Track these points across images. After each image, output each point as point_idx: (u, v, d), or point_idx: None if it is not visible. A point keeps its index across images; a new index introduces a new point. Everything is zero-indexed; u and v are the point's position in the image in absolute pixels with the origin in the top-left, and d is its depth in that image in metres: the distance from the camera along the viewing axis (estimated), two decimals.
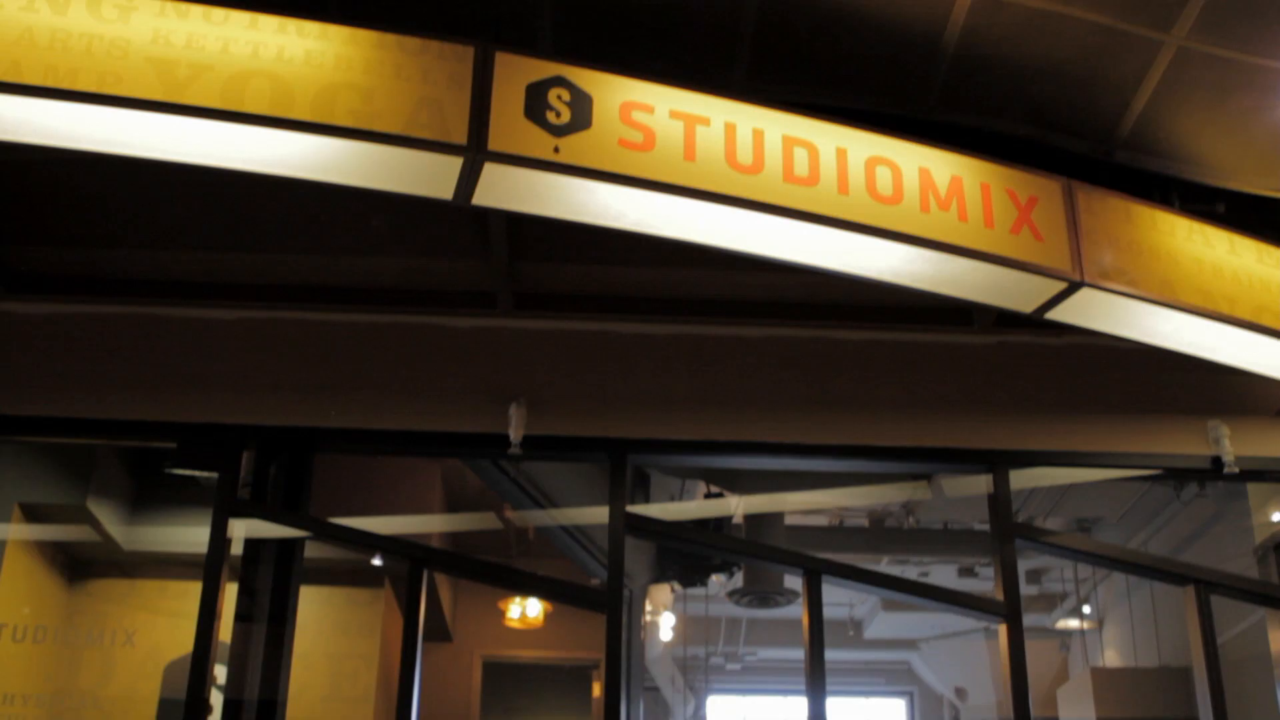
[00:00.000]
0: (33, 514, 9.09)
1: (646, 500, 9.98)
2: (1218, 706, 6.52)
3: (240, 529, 6.35)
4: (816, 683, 6.32)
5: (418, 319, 6.66)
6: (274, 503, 6.54)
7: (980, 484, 7.03)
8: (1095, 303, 5.73)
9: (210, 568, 6.13)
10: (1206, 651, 6.61)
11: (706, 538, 7.44)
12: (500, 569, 6.68)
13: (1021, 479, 6.79)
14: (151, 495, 9.72)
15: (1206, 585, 6.73)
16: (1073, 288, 5.60)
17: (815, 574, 6.47)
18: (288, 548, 6.55)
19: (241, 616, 6.36)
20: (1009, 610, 6.45)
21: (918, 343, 6.85)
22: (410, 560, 6.33)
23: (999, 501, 6.60)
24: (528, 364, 6.63)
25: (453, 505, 10.62)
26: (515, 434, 6.32)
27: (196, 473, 8.62)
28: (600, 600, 6.33)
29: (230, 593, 6.34)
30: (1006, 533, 6.56)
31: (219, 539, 6.18)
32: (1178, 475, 6.98)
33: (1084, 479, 7.08)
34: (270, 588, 6.45)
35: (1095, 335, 6.12)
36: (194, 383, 6.50)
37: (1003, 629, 6.49)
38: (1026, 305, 5.77)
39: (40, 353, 6.56)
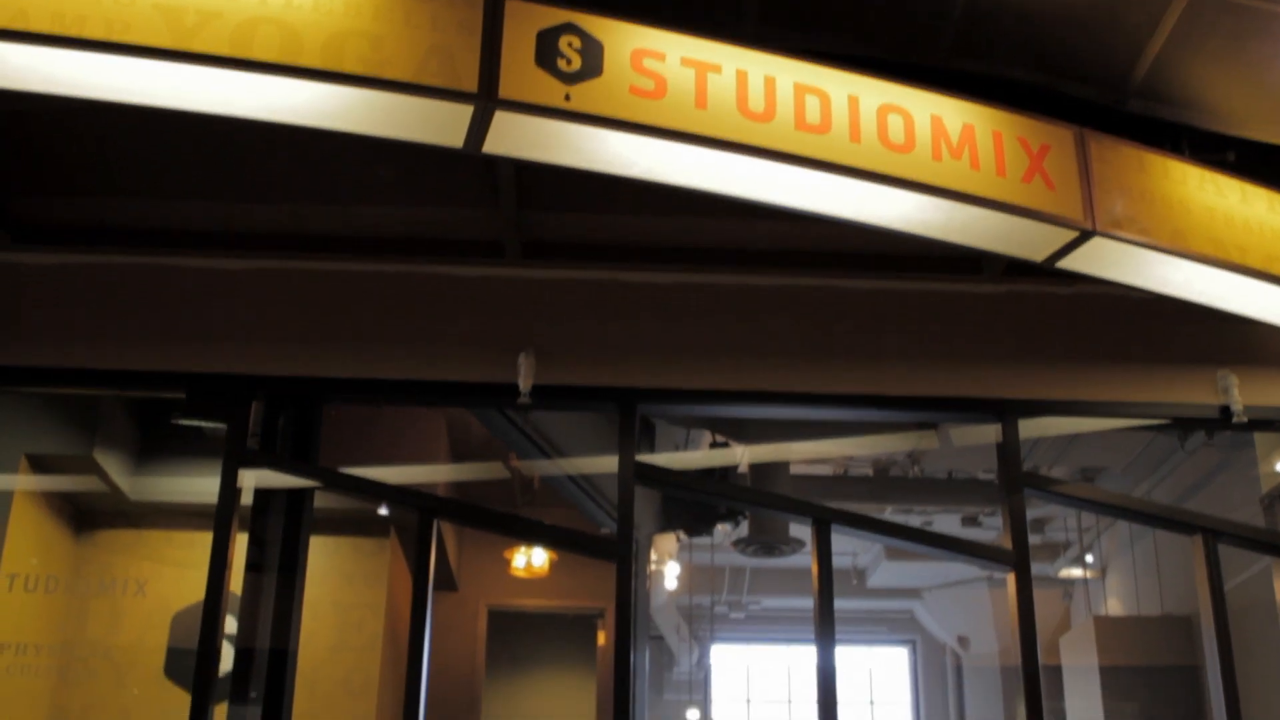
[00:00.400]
0: (39, 465, 9.11)
1: (651, 450, 9.98)
2: (1225, 655, 6.52)
3: (250, 479, 6.34)
4: (826, 632, 6.34)
5: (426, 268, 6.64)
6: (283, 453, 6.53)
7: (987, 433, 7.02)
8: (1106, 251, 5.71)
9: (221, 518, 6.14)
10: (1214, 600, 6.63)
11: (717, 487, 7.42)
12: (510, 518, 6.68)
13: (1030, 428, 6.78)
14: (158, 446, 9.73)
15: (1214, 534, 6.73)
16: (1084, 236, 5.59)
17: (825, 524, 6.47)
18: (297, 498, 6.55)
19: (252, 566, 6.36)
20: (1018, 559, 6.46)
21: (927, 292, 6.83)
22: (420, 510, 6.33)
23: (1008, 451, 6.60)
24: (536, 313, 6.61)
25: (457, 455, 10.64)
26: (524, 384, 6.31)
27: (203, 423, 8.63)
28: (610, 549, 6.34)
29: (240, 543, 6.36)
30: (1015, 482, 6.57)
31: (229, 489, 6.19)
32: (1186, 425, 6.98)
33: (1093, 428, 7.07)
34: (280, 538, 6.44)
35: (1105, 284, 6.10)
36: (202, 333, 6.48)
37: (1011, 577, 6.50)
38: (1038, 254, 5.75)
39: (49, 303, 6.54)
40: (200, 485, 9.80)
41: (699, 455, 9.70)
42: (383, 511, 10.40)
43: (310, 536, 6.63)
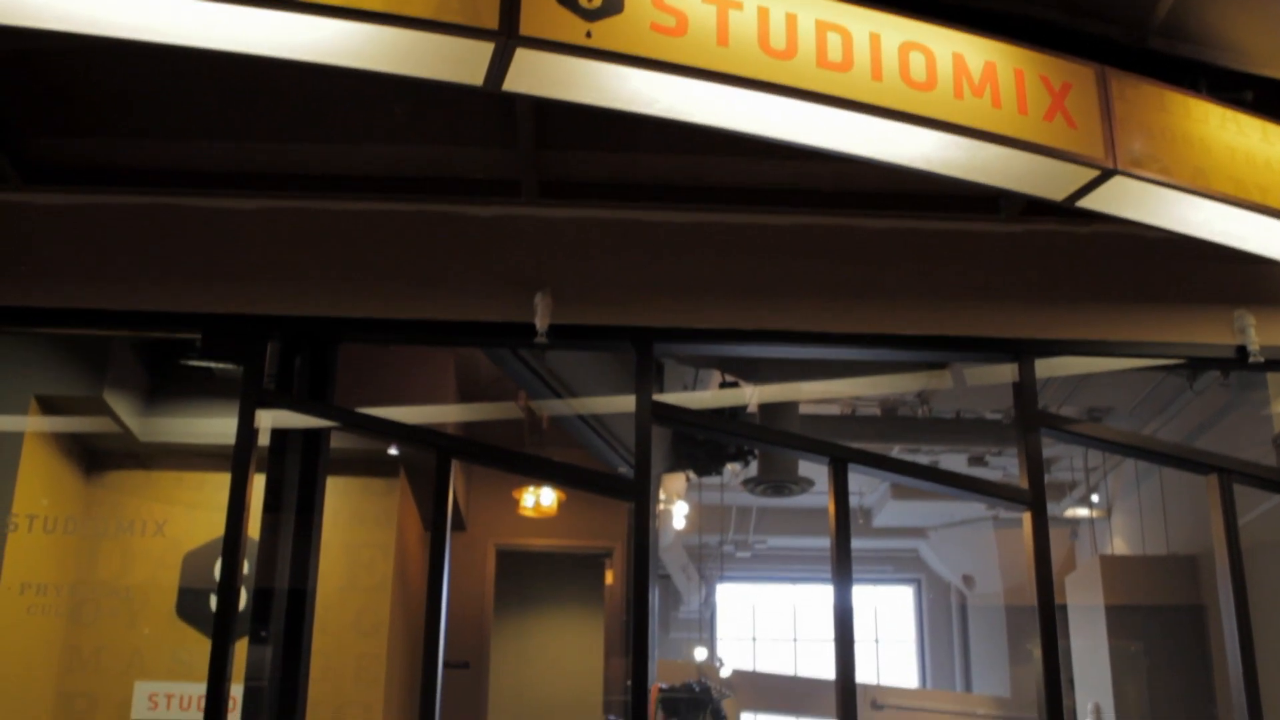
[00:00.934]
0: (49, 406, 9.11)
1: (660, 390, 9.98)
2: (1239, 594, 6.55)
3: (267, 420, 6.34)
4: (843, 572, 6.36)
5: (441, 207, 6.62)
6: (300, 394, 6.52)
7: (999, 373, 7.03)
8: (1127, 191, 5.68)
9: (239, 459, 6.14)
10: (1229, 540, 6.64)
11: (735, 426, 7.42)
12: (528, 458, 6.68)
13: (1046, 368, 6.77)
14: (167, 387, 9.74)
15: (1229, 473, 6.74)
16: (1105, 175, 5.56)
17: (841, 463, 6.47)
18: (314, 438, 6.55)
19: (270, 508, 6.36)
20: (1033, 498, 6.46)
21: (944, 231, 6.81)
22: (438, 450, 6.34)
23: (1024, 390, 6.60)
24: (552, 253, 6.59)
25: (465, 395, 10.64)
26: (541, 323, 6.30)
27: (213, 364, 8.63)
28: (628, 488, 6.35)
29: (257, 484, 6.36)
30: (1031, 422, 6.57)
31: (247, 430, 6.19)
32: (1203, 365, 6.97)
33: (1109, 368, 7.07)
34: (298, 478, 6.44)
35: (1122, 224, 6.08)
36: (217, 273, 6.47)
37: (1027, 517, 6.51)
38: (1058, 193, 5.73)
39: (61, 244, 6.52)
40: (210, 426, 9.85)
41: (708, 395, 9.71)
42: (393, 451, 10.42)
43: (327, 477, 6.64)
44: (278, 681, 6.14)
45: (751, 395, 9.14)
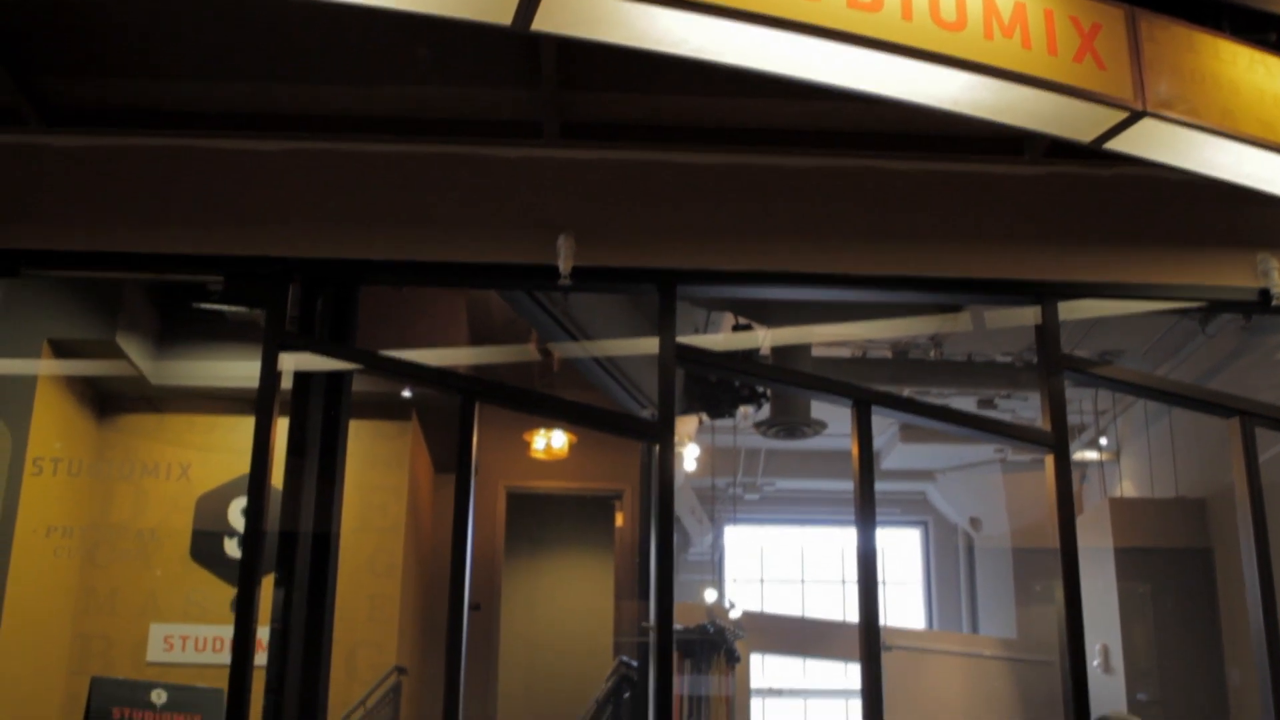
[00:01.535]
0: (62, 350, 9.11)
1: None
2: (1260, 537, 6.56)
3: (289, 363, 6.32)
4: (867, 514, 6.37)
5: (464, 149, 6.58)
6: (322, 336, 6.51)
7: (1015, 316, 7.03)
8: (1155, 132, 5.64)
9: (262, 402, 6.13)
10: (1250, 483, 6.64)
11: (758, 368, 7.40)
12: (551, 401, 6.68)
13: (1069, 310, 6.75)
14: (178, 330, 9.75)
15: (1251, 417, 6.74)
16: (1134, 117, 5.52)
17: (865, 405, 6.47)
18: (336, 381, 6.54)
19: (293, 451, 6.35)
20: (1056, 441, 6.47)
21: (968, 173, 6.77)
22: (462, 393, 6.33)
23: (1047, 333, 6.59)
24: (575, 195, 6.56)
25: (476, 338, 10.64)
26: (564, 265, 6.28)
27: (224, 307, 8.61)
28: (651, 430, 6.35)
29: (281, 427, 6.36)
30: (1055, 364, 6.56)
31: (270, 372, 6.17)
32: (1225, 308, 6.94)
33: (1131, 311, 7.04)
34: (321, 422, 6.43)
35: (1147, 166, 6.05)
36: (239, 216, 6.44)
37: (1049, 459, 6.52)
38: (1086, 135, 5.69)
39: (81, 187, 6.49)
40: (222, 370, 9.85)
41: (720, 338, 9.69)
42: (406, 394, 10.43)
43: (349, 420, 6.63)
44: (302, 623, 6.15)
45: (764, 338, 9.13)
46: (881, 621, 6.31)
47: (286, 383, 6.44)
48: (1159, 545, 12.53)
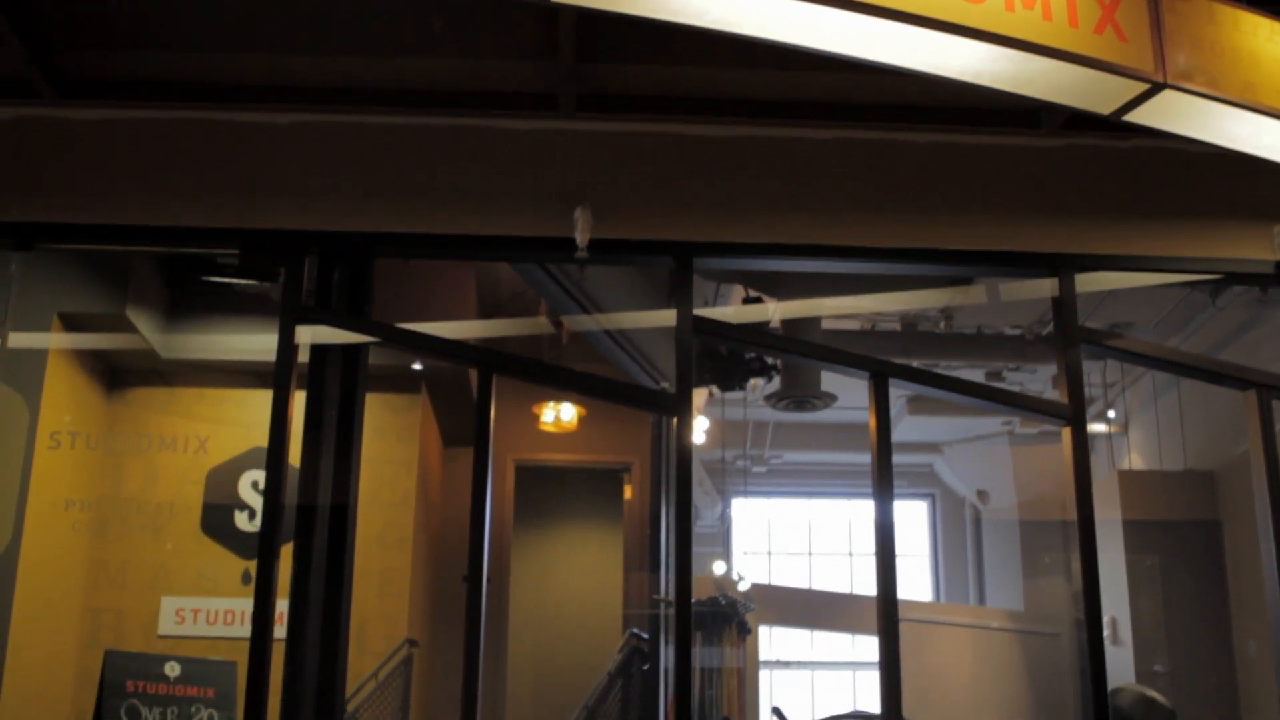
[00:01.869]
0: (72, 324, 9.09)
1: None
2: (1276, 509, 6.56)
3: (306, 335, 6.32)
4: (885, 487, 6.38)
5: (480, 121, 6.56)
6: (338, 309, 6.50)
7: (1029, 288, 7.01)
8: (1175, 104, 5.62)
9: (280, 375, 6.12)
10: (1267, 455, 6.64)
11: (774, 340, 7.39)
12: (571, 374, 6.66)
13: (1086, 283, 6.74)
14: (187, 304, 9.73)
15: (1268, 389, 6.74)
16: (1155, 89, 5.49)
17: (882, 377, 6.47)
18: (352, 354, 6.52)
19: (311, 424, 6.34)
20: (1074, 413, 6.47)
21: (984, 145, 6.76)
22: (481, 366, 6.33)
23: (1064, 306, 6.59)
24: (591, 167, 6.54)
25: (485, 311, 10.63)
26: (581, 238, 6.27)
27: (233, 280, 8.60)
28: (670, 403, 6.35)
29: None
30: (1072, 337, 6.56)
31: (287, 346, 6.16)
32: (1242, 280, 6.93)
33: (1148, 283, 7.02)
34: (338, 395, 6.43)
35: (1164, 138, 6.02)
36: (254, 188, 6.43)
37: (1066, 431, 6.52)
38: (1106, 107, 5.66)
39: (95, 160, 6.47)
40: (231, 343, 9.84)
41: (731, 310, 9.68)
42: (417, 366, 10.42)
43: (366, 393, 6.62)
44: (321, 596, 6.16)
45: (774, 311, 9.11)
46: None
47: (303, 356, 6.44)
48: (1167, 518, 12.54)
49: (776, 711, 7.81)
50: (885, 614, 6.20)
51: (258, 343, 9.65)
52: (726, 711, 9.68)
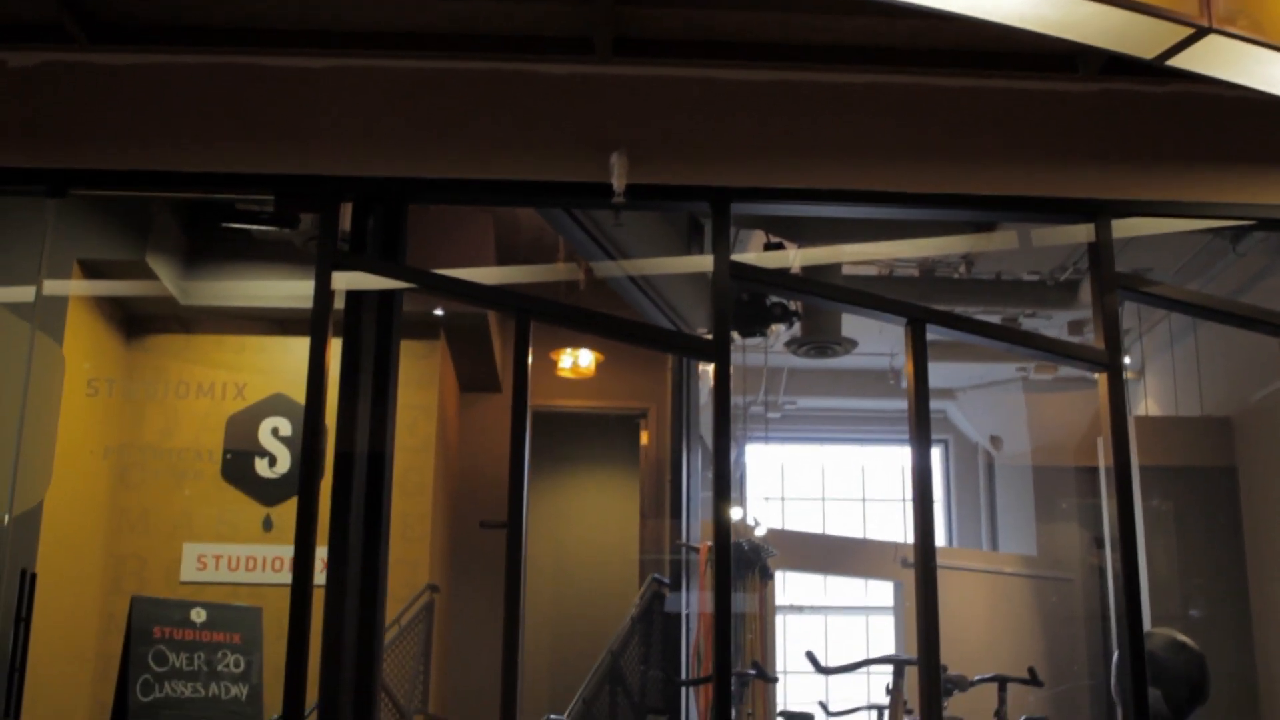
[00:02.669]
0: (92, 270, 9.07)
1: (701, 251, 9.92)
2: None
3: (341, 281, 6.30)
4: (922, 433, 6.36)
5: (515, 65, 6.52)
6: (373, 255, 6.47)
7: (1061, 234, 6.99)
8: (1218, 49, 5.57)
9: (317, 322, 6.09)
10: None
11: (811, 286, 7.36)
12: (607, 319, 6.63)
13: (1122, 229, 6.72)
14: (205, 250, 9.70)
15: None
16: (1199, 33, 5.44)
17: (919, 323, 6.46)
18: (387, 300, 6.51)
19: (347, 371, 6.32)
20: (1111, 360, 6.46)
21: (1020, 90, 6.72)
22: (517, 311, 6.31)
23: (1101, 252, 6.57)
24: (627, 112, 6.51)
25: (504, 257, 10.60)
26: (618, 183, 6.23)
27: (251, 226, 8.56)
28: (708, 350, 6.34)
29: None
30: (1108, 283, 6.54)
31: (324, 292, 6.14)
32: (1277, 226, 6.91)
33: (1185, 228, 6.98)
34: (374, 341, 6.41)
35: (1202, 83, 6.00)
36: (288, 134, 6.39)
37: (1102, 378, 6.51)
38: (1149, 51, 5.62)
39: (131, 105, 6.43)
40: (250, 289, 9.82)
41: (751, 257, 9.65)
42: (438, 312, 10.41)
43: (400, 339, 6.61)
44: (360, 544, 6.17)
45: (795, 257, 9.09)
46: (902, 538, 6.32)
47: (337, 303, 6.42)
48: (1183, 464, 12.53)
49: (810, 656, 7.84)
50: (923, 561, 6.21)
51: (278, 289, 9.66)
52: (749, 656, 9.73)
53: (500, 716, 5.89)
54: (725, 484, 6.19)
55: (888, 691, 7.67)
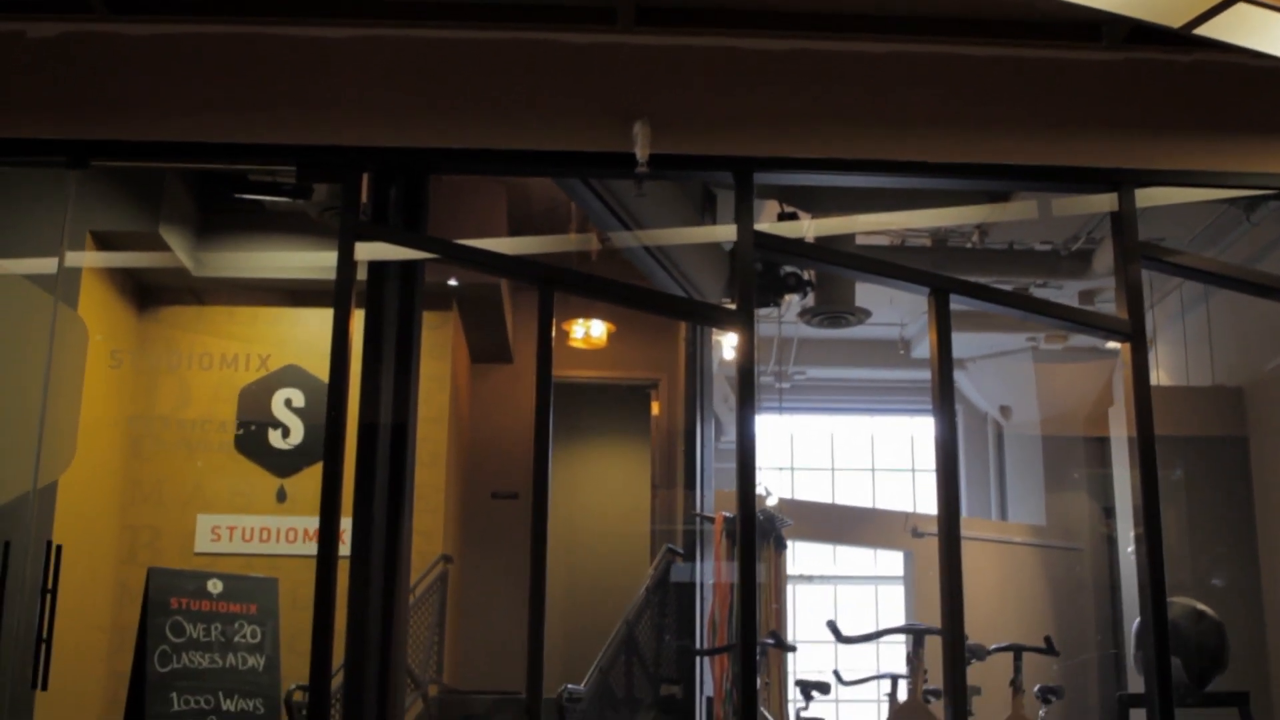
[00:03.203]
0: (104, 242, 9.05)
1: (714, 220, 9.91)
2: None
3: (363, 252, 6.28)
4: (946, 403, 6.35)
5: (537, 35, 6.49)
6: (395, 226, 6.46)
7: (1082, 204, 6.98)
8: (1246, 17, 5.58)
9: (340, 293, 6.08)
10: None
11: (833, 255, 7.34)
12: (632, 289, 6.63)
13: (1146, 198, 6.70)
14: (217, 221, 9.69)
15: None
16: (1227, 2, 5.44)
17: (943, 292, 6.45)
18: (409, 271, 6.49)
19: (370, 342, 6.31)
20: (1134, 329, 6.46)
21: (1044, 59, 6.69)
22: (540, 282, 6.30)
23: (1124, 221, 6.55)
24: (650, 81, 6.49)
25: (515, 227, 10.58)
26: (642, 153, 6.21)
27: (262, 197, 8.55)
28: (733, 319, 6.33)
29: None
30: (1131, 252, 6.52)
31: (347, 263, 6.12)
32: None
33: (1208, 198, 6.98)
34: (396, 312, 6.40)
35: (1226, 52, 5.99)
36: (310, 104, 6.37)
37: (1125, 347, 6.51)
38: (1178, 20, 5.63)
39: (152, 75, 6.41)
40: (262, 260, 9.80)
41: (765, 226, 9.62)
42: (452, 283, 10.39)
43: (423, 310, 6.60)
44: (384, 513, 6.17)
45: (808, 227, 9.07)
46: (912, 508, 6.32)
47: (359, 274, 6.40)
48: (1194, 433, 12.51)
49: (831, 625, 7.86)
50: (948, 531, 6.20)
51: (292, 260, 9.64)
52: (766, 625, 9.74)
53: (526, 687, 5.90)
54: (750, 453, 6.17)
55: (908, 660, 7.68)
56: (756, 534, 10.53)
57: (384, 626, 6.07)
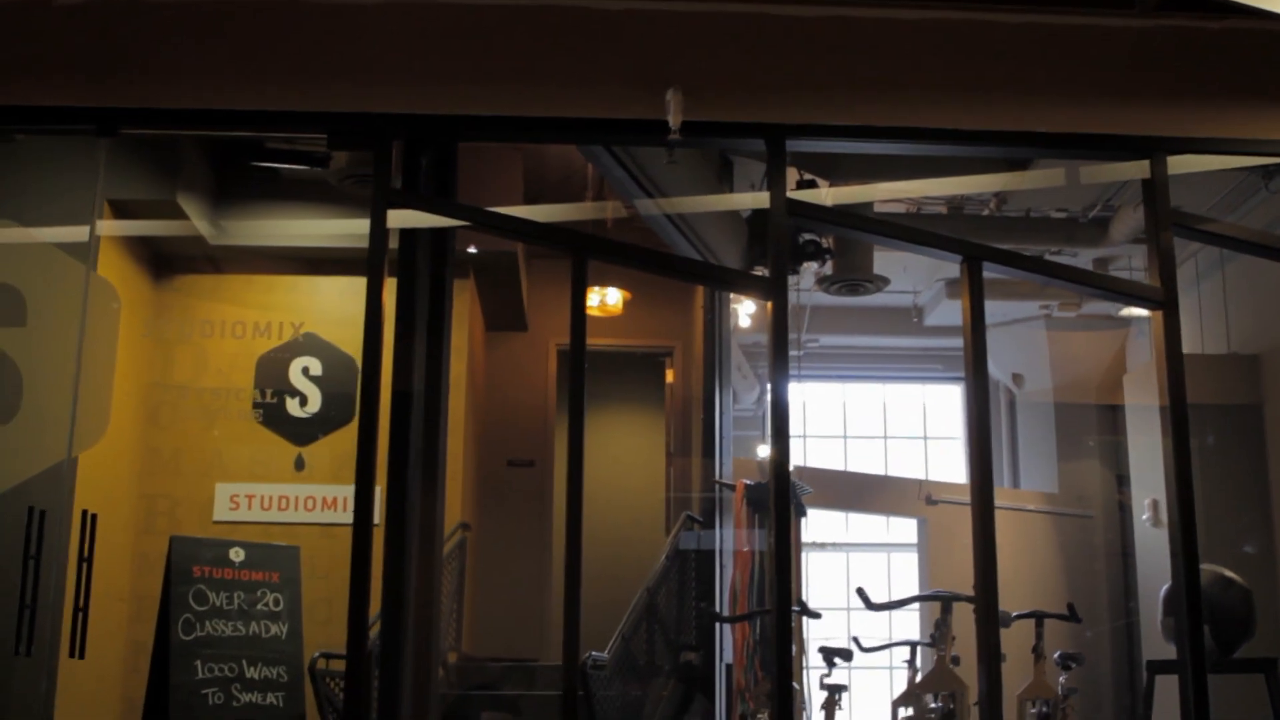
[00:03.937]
0: (121, 210, 9.03)
1: (730, 189, 9.89)
2: None
3: (394, 220, 6.26)
4: (979, 372, 6.34)
5: (567, 1, 6.47)
6: (426, 194, 6.44)
7: (1110, 171, 6.97)
8: None
9: (373, 261, 6.07)
10: None
11: (866, 223, 7.31)
12: (664, 257, 6.64)
13: (1178, 165, 6.68)
14: (234, 189, 9.67)
15: None
16: None
17: (975, 260, 6.44)
18: (440, 239, 6.48)
19: (402, 311, 6.30)
20: (1166, 297, 6.45)
21: (1075, 26, 6.66)
22: (573, 250, 6.28)
23: (1156, 188, 6.53)
24: (681, 48, 6.46)
25: (530, 195, 10.56)
26: (674, 120, 6.19)
27: (279, 165, 8.52)
28: (766, 288, 6.31)
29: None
30: (1164, 220, 6.51)
31: (379, 231, 6.10)
32: None
33: (1240, 165, 6.99)
34: (429, 281, 6.39)
35: (1258, 19, 5.97)
36: (341, 71, 6.34)
37: (1156, 315, 6.51)
38: None
39: (180, 42, 6.38)
40: (279, 228, 9.77)
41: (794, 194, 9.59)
42: (472, 250, 10.37)
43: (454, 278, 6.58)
44: (419, 481, 6.17)
45: (826, 195, 9.05)
46: (925, 476, 6.32)
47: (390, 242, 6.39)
48: (1209, 401, 12.49)
49: (860, 592, 7.87)
50: (981, 499, 6.20)
51: (311, 228, 9.62)
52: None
53: (563, 656, 5.91)
54: (784, 418, 6.17)
55: (936, 626, 7.69)
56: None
57: (419, 593, 6.08)
